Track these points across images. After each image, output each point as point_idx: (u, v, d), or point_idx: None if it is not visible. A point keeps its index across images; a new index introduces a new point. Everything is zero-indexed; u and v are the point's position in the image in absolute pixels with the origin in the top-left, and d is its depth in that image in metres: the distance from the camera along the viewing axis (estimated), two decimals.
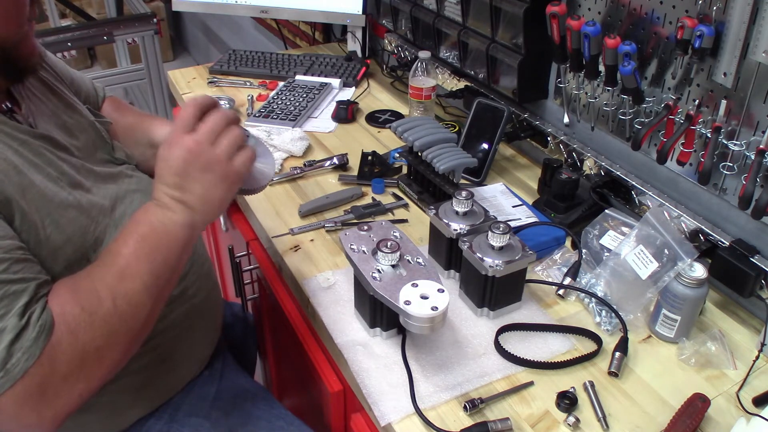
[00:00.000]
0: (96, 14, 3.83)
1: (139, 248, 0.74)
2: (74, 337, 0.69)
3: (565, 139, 1.30)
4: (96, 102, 1.13)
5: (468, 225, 1.00)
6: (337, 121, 1.60)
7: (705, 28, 0.92)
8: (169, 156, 0.76)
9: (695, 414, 0.82)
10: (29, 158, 0.79)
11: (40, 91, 0.91)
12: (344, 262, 1.10)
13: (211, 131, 0.77)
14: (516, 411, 0.85)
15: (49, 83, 0.95)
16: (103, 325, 0.71)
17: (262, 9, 1.95)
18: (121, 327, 0.73)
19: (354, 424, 0.96)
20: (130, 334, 0.74)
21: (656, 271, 0.95)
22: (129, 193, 0.92)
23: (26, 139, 0.81)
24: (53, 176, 0.82)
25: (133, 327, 0.74)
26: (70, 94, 0.99)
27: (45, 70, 0.97)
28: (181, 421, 0.98)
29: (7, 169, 0.75)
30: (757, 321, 1.00)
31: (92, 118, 0.98)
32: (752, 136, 0.94)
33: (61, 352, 0.68)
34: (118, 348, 0.73)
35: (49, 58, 1.03)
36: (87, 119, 0.97)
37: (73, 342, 0.69)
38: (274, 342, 1.33)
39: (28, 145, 0.80)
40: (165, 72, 2.47)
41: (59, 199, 0.80)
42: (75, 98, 0.99)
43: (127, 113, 1.15)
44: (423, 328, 0.82)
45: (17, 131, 0.80)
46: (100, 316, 0.71)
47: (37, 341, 0.67)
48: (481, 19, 1.39)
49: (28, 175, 0.78)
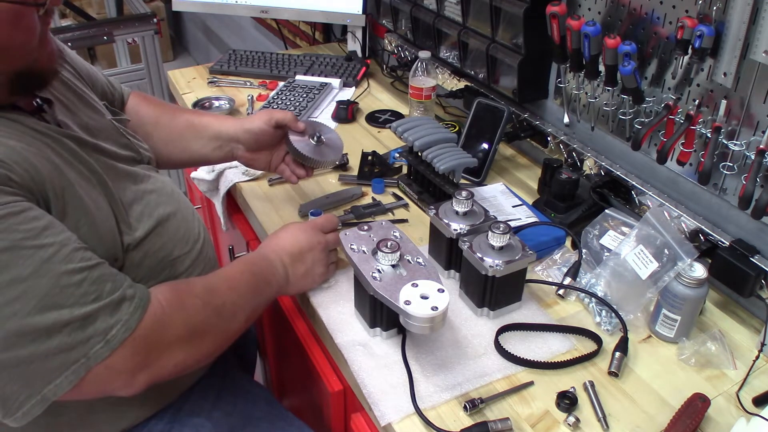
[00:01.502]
0: (96, 14, 3.83)
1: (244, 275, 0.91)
2: (167, 316, 0.77)
3: (565, 139, 1.30)
4: (112, 98, 1.12)
5: (468, 225, 1.00)
6: (337, 121, 1.60)
7: (705, 28, 0.92)
8: (299, 237, 1.00)
9: (695, 414, 0.82)
10: (65, 157, 0.80)
11: (60, 91, 0.91)
12: (344, 262, 1.10)
13: (332, 243, 1.03)
14: (516, 411, 0.85)
15: (68, 82, 0.94)
16: (194, 314, 0.81)
17: (262, 9, 1.95)
18: (209, 320, 0.83)
19: (354, 424, 0.96)
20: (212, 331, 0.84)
21: (656, 271, 0.95)
22: (146, 193, 0.92)
23: (57, 138, 0.81)
24: (85, 175, 0.82)
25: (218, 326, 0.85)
26: (89, 92, 0.99)
27: (64, 69, 0.96)
28: (183, 421, 0.98)
29: (50, 169, 0.75)
30: (757, 321, 1.00)
31: (110, 117, 0.98)
32: (752, 136, 0.94)
33: (155, 327, 0.75)
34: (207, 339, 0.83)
35: (67, 54, 1.03)
36: (104, 117, 0.97)
37: (165, 319, 0.77)
38: (274, 342, 1.33)
39: (62, 144, 0.81)
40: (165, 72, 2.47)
41: (92, 199, 0.81)
42: (92, 95, 0.99)
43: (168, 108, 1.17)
44: (423, 328, 0.82)
45: (48, 130, 0.80)
46: (191, 304, 0.81)
47: (134, 314, 0.73)
48: (481, 19, 1.39)
49: (66, 174, 0.78)
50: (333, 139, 1.16)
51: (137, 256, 0.86)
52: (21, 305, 0.66)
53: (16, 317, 0.66)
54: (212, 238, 1.73)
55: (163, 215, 0.92)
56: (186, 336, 0.79)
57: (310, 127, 1.14)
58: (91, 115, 0.94)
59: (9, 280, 0.66)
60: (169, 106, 1.19)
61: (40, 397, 0.70)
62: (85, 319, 0.69)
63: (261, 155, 1.16)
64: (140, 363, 0.74)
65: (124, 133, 0.99)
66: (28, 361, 0.68)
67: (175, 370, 0.79)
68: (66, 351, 0.69)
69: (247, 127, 1.12)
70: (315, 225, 1.03)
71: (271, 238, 1.01)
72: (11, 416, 0.70)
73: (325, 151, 1.13)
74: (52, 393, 0.70)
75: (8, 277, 0.66)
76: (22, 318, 0.66)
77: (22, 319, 0.66)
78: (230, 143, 1.14)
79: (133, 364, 0.74)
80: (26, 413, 0.70)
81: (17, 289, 0.66)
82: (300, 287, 1.01)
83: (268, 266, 0.95)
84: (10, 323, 0.66)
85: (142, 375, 0.75)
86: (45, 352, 0.68)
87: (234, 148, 1.14)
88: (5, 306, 0.66)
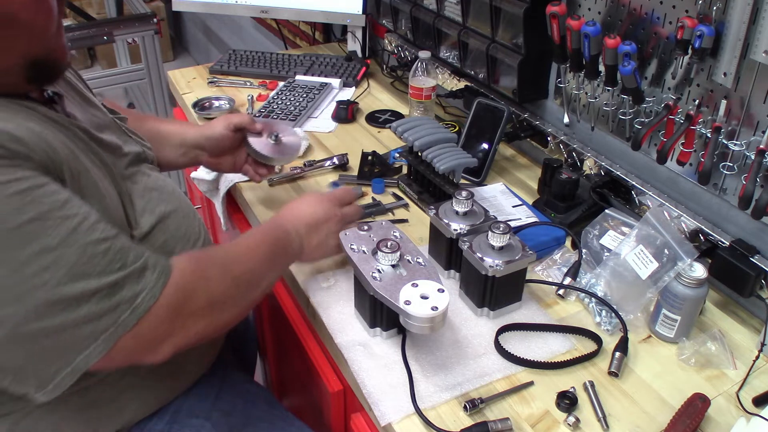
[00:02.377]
0: (96, 14, 3.83)
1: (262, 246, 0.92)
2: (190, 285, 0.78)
3: (565, 139, 1.30)
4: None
5: (468, 225, 1.00)
6: (337, 121, 1.60)
7: (705, 28, 0.92)
8: (316, 209, 1.01)
9: (695, 414, 0.82)
10: (78, 144, 0.81)
11: (64, 89, 0.91)
12: (344, 262, 1.10)
13: (349, 216, 1.04)
14: (516, 411, 0.85)
15: (70, 80, 0.95)
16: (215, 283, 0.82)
17: (262, 9, 1.95)
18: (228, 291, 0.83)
19: (354, 424, 0.96)
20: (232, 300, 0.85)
21: (656, 271, 0.95)
22: (147, 190, 0.93)
23: (71, 127, 0.81)
24: (97, 164, 0.83)
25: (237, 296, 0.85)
26: (85, 89, 0.99)
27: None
28: (182, 422, 0.98)
29: (67, 152, 0.76)
30: (757, 321, 1.00)
31: (110, 116, 0.99)
32: (752, 136, 0.94)
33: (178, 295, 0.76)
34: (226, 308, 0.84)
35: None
36: (106, 114, 0.97)
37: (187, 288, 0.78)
38: (274, 342, 1.33)
39: (74, 133, 0.81)
40: (165, 72, 2.47)
41: (104, 187, 0.81)
42: (90, 94, 1.00)
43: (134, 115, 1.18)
44: (423, 328, 0.82)
45: (62, 120, 0.81)
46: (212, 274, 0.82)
47: (158, 281, 0.74)
48: (481, 19, 1.39)
49: (81, 160, 0.79)
50: (291, 137, 1.20)
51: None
52: (51, 275, 0.67)
53: (46, 287, 0.66)
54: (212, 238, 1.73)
55: (164, 212, 0.92)
56: (207, 305, 0.80)
57: (267, 128, 1.18)
58: (94, 112, 0.94)
59: (39, 250, 0.67)
60: (134, 113, 1.20)
61: (72, 368, 0.70)
62: (112, 287, 0.70)
63: (224, 159, 1.20)
64: (165, 331, 0.75)
65: (126, 131, 0.99)
66: (59, 331, 0.68)
67: (197, 339, 0.80)
68: (95, 320, 0.69)
69: (208, 134, 1.16)
70: (333, 197, 1.05)
71: (288, 207, 1.02)
72: (43, 389, 0.70)
73: (282, 149, 1.17)
74: (83, 363, 0.70)
75: (37, 247, 0.67)
76: (52, 288, 0.67)
77: (53, 289, 0.67)
78: (194, 150, 1.17)
79: (159, 332, 0.75)
80: (58, 385, 0.70)
81: (47, 258, 0.67)
82: (313, 257, 1.03)
83: (284, 236, 0.96)
84: (41, 293, 0.66)
85: (167, 343, 0.76)
86: (75, 321, 0.68)
87: (198, 155, 1.18)
88: (35, 276, 0.66)
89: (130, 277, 0.72)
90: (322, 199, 1.03)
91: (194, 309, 0.78)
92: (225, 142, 1.17)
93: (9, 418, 0.85)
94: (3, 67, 0.73)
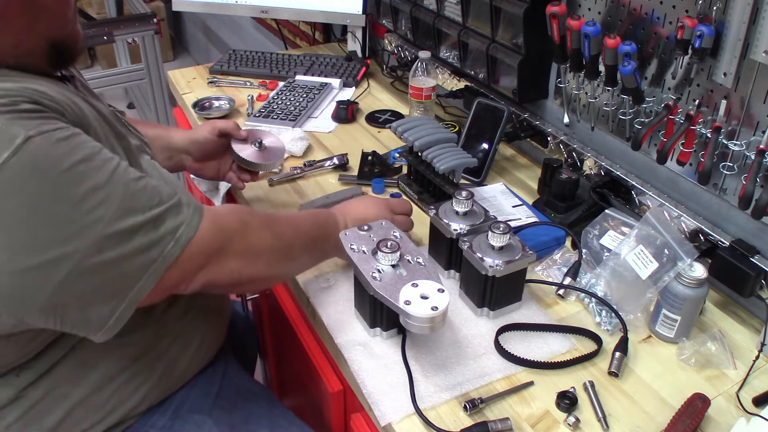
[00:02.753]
0: (96, 14, 3.83)
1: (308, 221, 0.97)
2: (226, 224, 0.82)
3: (565, 139, 1.30)
4: None
5: (468, 225, 1.00)
6: (337, 121, 1.60)
7: (705, 28, 0.92)
8: (369, 208, 1.05)
9: (695, 414, 0.82)
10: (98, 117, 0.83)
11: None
12: (344, 262, 1.10)
13: (399, 225, 1.05)
14: (516, 411, 0.85)
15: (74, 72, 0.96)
16: (252, 230, 0.86)
17: (262, 9, 1.95)
18: (265, 242, 0.87)
19: (354, 424, 0.96)
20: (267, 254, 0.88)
21: (656, 271, 0.95)
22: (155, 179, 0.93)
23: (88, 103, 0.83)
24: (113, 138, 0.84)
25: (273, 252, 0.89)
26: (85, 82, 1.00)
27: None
28: (184, 417, 0.98)
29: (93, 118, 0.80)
30: (757, 321, 1.00)
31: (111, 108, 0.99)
32: (752, 136, 0.94)
33: (214, 229, 0.80)
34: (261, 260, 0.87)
35: None
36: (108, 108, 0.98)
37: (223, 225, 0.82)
38: (274, 342, 1.33)
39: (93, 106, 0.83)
40: (165, 72, 2.47)
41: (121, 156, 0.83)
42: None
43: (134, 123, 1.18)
44: (423, 328, 0.82)
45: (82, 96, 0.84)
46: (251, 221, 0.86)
47: (194, 215, 0.78)
48: (481, 19, 1.39)
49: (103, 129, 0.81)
50: (274, 143, 1.22)
51: None
52: (104, 210, 0.71)
53: (103, 221, 0.70)
54: None
55: None
56: (243, 248, 0.84)
57: (252, 135, 1.20)
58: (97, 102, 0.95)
59: (91, 187, 0.70)
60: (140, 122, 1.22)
61: (128, 301, 0.74)
62: (156, 220, 0.74)
63: (209, 165, 1.22)
64: (202, 263, 0.79)
65: (126, 124, 0.99)
66: (117, 262, 0.72)
67: (229, 279, 0.84)
68: (145, 251, 0.73)
69: (194, 138, 1.18)
70: (388, 204, 1.09)
71: (344, 203, 1.08)
72: (104, 326, 0.74)
73: (266, 155, 1.19)
74: (136, 296, 0.75)
75: (90, 185, 0.70)
76: (107, 222, 0.71)
77: (108, 223, 0.71)
78: (179, 154, 1.19)
79: (197, 263, 0.79)
80: (118, 319, 0.75)
81: (99, 195, 0.71)
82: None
83: (332, 223, 1.00)
84: (99, 227, 0.70)
85: (201, 275, 0.80)
86: (129, 253, 0.72)
87: (183, 159, 1.20)
88: (92, 212, 0.70)
89: (170, 211, 0.76)
90: (378, 202, 1.07)
91: (228, 247, 0.82)
92: (209, 146, 1.18)
93: (20, 404, 0.86)
94: (28, 47, 0.77)
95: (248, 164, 1.18)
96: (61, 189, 0.69)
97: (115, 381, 0.91)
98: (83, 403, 0.89)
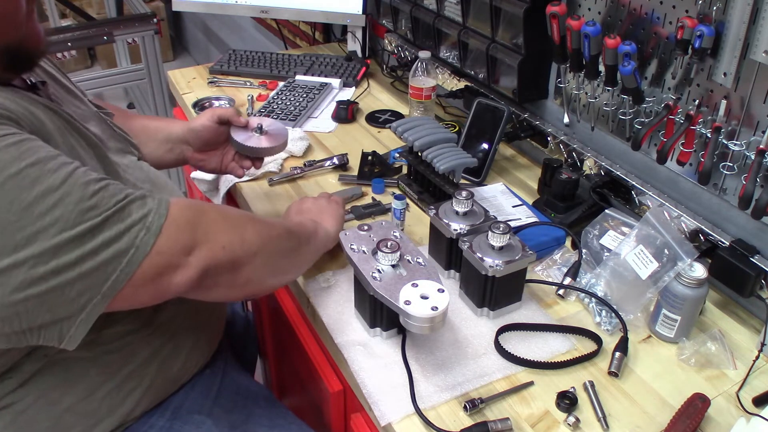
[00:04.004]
0: (96, 14, 3.83)
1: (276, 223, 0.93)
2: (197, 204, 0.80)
3: (565, 139, 1.30)
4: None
5: (468, 225, 1.00)
6: (337, 121, 1.60)
7: (705, 28, 0.92)
8: (309, 201, 1.10)
9: (695, 414, 0.82)
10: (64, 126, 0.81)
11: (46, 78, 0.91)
12: (344, 262, 1.10)
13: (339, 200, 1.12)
14: (516, 411, 0.85)
15: (52, 73, 0.95)
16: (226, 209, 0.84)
17: (262, 9, 1.95)
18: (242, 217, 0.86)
19: (354, 424, 0.96)
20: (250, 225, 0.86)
21: (656, 271, 0.95)
22: (138, 182, 0.93)
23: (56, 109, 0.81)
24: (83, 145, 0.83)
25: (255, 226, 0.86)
26: (73, 86, 0.99)
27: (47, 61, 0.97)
28: (184, 418, 0.98)
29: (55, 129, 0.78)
30: (757, 321, 1.00)
31: (95, 109, 0.99)
32: (752, 136, 0.94)
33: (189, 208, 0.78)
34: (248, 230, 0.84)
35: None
36: (91, 110, 0.97)
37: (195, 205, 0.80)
38: (274, 342, 1.33)
39: (59, 115, 0.81)
40: (165, 72, 2.47)
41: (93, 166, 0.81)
42: (79, 89, 1.00)
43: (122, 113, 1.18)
44: (423, 328, 0.82)
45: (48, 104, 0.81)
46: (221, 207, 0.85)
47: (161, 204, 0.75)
48: (481, 19, 1.39)
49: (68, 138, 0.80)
50: (276, 128, 1.17)
51: None
52: (61, 211, 0.68)
53: (59, 223, 0.68)
54: None
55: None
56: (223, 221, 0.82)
57: (251, 122, 1.15)
58: (79, 105, 0.94)
59: (43, 190, 0.68)
60: (123, 111, 1.20)
61: (101, 295, 0.71)
62: (121, 212, 0.71)
63: (211, 156, 1.18)
64: (188, 239, 0.76)
65: (111, 125, 0.99)
66: (80, 262, 0.69)
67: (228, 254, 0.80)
68: (114, 242, 0.70)
69: (191, 126, 1.14)
70: (327, 197, 1.13)
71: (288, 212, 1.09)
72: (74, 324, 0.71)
73: (267, 140, 1.14)
74: (110, 290, 0.71)
75: (42, 188, 0.68)
76: (65, 223, 0.68)
77: (66, 224, 0.68)
78: (180, 145, 1.15)
79: (182, 241, 0.75)
80: (90, 313, 0.71)
81: (53, 197, 0.68)
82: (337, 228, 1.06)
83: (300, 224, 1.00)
84: (53, 230, 0.67)
85: (196, 253, 0.77)
86: (94, 249, 0.69)
87: (184, 150, 1.16)
88: (45, 214, 0.67)
89: (134, 202, 0.73)
90: (307, 198, 1.11)
91: (211, 221, 0.80)
92: (208, 134, 1.14)
93: (10, 410, 0.85)
94: None
95: (248, 150, 1.13)
96: (10, 193, 0.66)
97: (105, 387, 0.90)
98: (72, 409, 0.88)
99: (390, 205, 1.25)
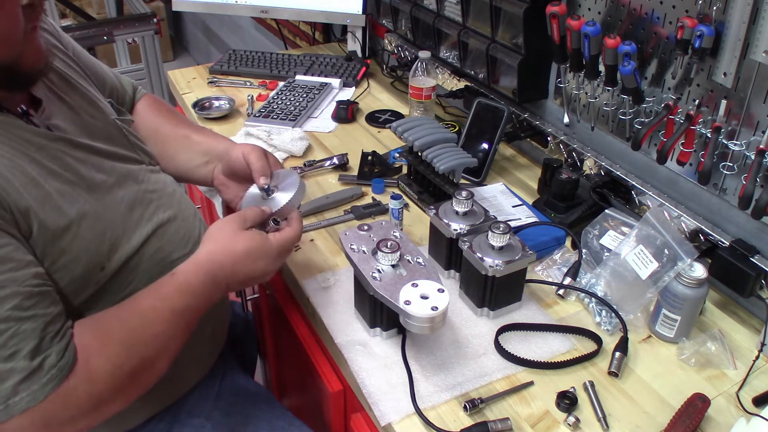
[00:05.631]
0: (96, 14, 3.83)
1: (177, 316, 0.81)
2: (92, 385, 0.72)
3: (565, 139, 1.30)
4: (124, 98, 1.13)
5: (468, 225, 1.00)
6: (337, 121, 1.60)
7: (705, 28, 0.92)
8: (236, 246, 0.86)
9: (695, 414, 0.82)
10: (47, 165, 0.79)
11: (60, 88, 0.90)
12: (344, 262, 1.10)
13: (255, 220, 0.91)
14: (516, 411, 0.85)
15: (69, 79, 0.94)
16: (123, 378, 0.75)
17: (262, 9, 1.95)
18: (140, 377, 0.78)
19: (354, 424, 0.96)
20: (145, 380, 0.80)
21: (656, 271, 0.95)
22: (147, 193, 0.92)
23: (44, 143, 0.80)
24: (72, 181, 0.81)
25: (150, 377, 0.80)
26: (92, 89, 0.98)
27: (67, 65, 0.96)
28: (183, 422, 0.98)
29: (25, 182, 0.75)
30: (757, 321, 1.00)
31: (114, 116, 0.98)
32: (752, 136, 0.94)
33: (74, 397, 0.70)
34: (132, 392, 0.78)
35: (74, 49, 1.03)
36: (108, 117, 0.96)
37: (89, 390, 0.71)
38: (274, 342, 1.33)
39: (46, 150, 0.80)
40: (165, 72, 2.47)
41: (77, 208, 0.80)
42: (98, 94, 0.99)
43: (173, 119, 1.16)
44: (423, 328, 0.82)
45: (35, 135, 0.79)
46: (125, 370, 0.75)
47: (45, 387, 0.68)
48: (481, 19, 1.39)
49: (45, 186, 0.77)
50: (286, 195, 0.98)
51: (134, 259, 0.86)
52: None
53: None
54: None
55: (162, 219, 0.92)
56: (91, 408, 0.73)
57: (272, 180, 1.01)
58: (93, 113, 0.94)
59: None
60: (175, 118, 1.17)
61: None
62: (5, 362, 0.66)
63: (232, 185, 1.09)
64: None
65: (127, 133, 0.99)
66: None
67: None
68: None
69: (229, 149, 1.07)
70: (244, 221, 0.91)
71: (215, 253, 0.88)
72: None
73: (277, 199, 0.99)
74: None
75: None
76: None
77: None
78: (215, 160, 1.09)
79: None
80: None
81: None
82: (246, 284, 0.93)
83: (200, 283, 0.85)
84: None
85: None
86: None
87: (216, 166, 1.10)
88: None
89: (17, 372, 0.67)
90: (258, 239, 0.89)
91: (74, 415, 0.72)
92: (235, 166, 1.05)
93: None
94: None
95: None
96: None
97: None
98: None
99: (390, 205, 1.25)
